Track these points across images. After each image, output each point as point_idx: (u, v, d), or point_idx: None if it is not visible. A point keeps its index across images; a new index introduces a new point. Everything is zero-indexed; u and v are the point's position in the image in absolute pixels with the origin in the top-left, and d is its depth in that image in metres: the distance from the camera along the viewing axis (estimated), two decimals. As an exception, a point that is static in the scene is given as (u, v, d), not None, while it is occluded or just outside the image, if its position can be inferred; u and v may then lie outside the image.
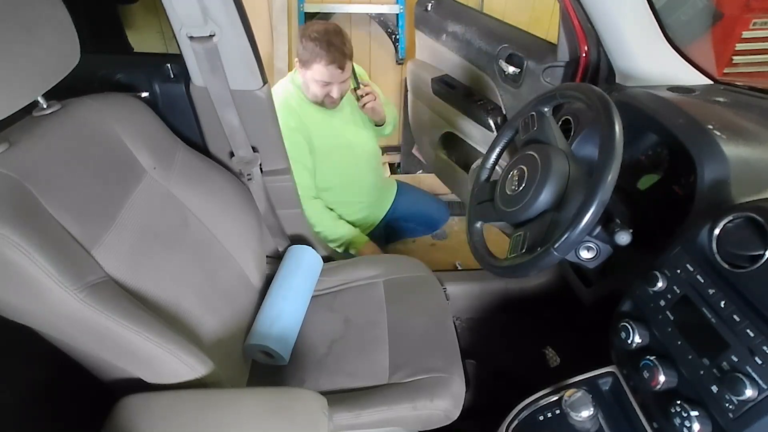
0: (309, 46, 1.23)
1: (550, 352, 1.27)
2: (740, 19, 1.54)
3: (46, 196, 0.66)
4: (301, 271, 1.13)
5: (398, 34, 2.07)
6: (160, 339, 0.69)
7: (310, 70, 1.26)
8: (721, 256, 0.61)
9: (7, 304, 0.63)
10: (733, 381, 0.55)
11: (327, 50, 1.22)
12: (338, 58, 1.23)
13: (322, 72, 1.25)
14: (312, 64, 1.25)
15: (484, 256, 0.84)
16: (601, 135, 0.65)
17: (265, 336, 0.96)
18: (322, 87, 1.29)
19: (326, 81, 1.27)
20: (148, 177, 0.87)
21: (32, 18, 0.66)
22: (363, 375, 0.96)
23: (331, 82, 1.28)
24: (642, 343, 0.70)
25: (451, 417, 0.91)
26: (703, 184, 0.70)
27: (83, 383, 0.79)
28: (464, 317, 1.37)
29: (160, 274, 0.80)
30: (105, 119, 0.82)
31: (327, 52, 1.22)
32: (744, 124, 0.77)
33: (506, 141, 0.91)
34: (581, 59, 1.11)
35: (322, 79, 1.26)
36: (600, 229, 0.72)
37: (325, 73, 1.25)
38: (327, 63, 1.23)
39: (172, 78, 0.99)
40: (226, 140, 1.02)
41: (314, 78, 1.27)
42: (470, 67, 1.49)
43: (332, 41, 1.22)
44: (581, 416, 0.71)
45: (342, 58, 1.24)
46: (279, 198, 1.15)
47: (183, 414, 0.72)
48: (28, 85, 0.66)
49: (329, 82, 1.27)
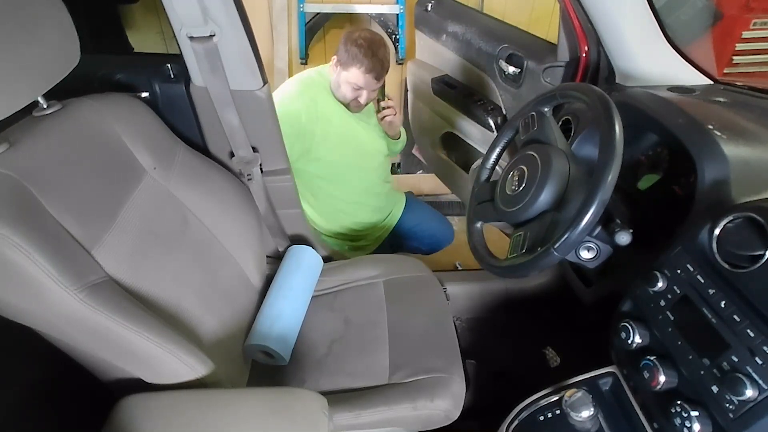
0: (353, 51, 1.26)
1: (550, 352, 1.27)
2: (740, 19, 1.54)
3: (47, 196, 0.66)
4: (301, 271, 1.13)
5: (398, 34, 2.07)
6: (160, 339, 0.69)
7: (347, 72, 1.29)
8: (722, 256, 0.61)
9: (7, 304, 0.63)
10: (733, 381, 0.55)
11: (370, 59, 1.26)
12: (377, 68, 1.27)
13: (358, 77, 1.28)
14: (351, 67, 1.28)
15: (484, 256, 0.84)
16: (601, 135, 0.65)
17: (265, 336, 0.96)
18: (354, 90, 1.32)
19: (360, 86, 1.30)
20: (148, 177, 0.86)
21: (32, 18, 0.66)
22: (363, 375, 0.96)
23: (363, 88, 1.31)
24: (642, 343, 0.70)
25: (451, 417, 0.91)
26: (703, 184, 0.70)
27: (83, 383, 0.79)
28: (464, 317, 1.37)
29: (160, 274, 0.80)
30: (105, 119, 0.82)
31: (369, 60, 1.26)
32: (744, 124, 0.77)
33: (506, 141, 0.91)
34: (581, 59, 1.11)
35: (357, 83, 1.30)
36: (600, 229, 0.72)
37: (360, 79, 1.28)
38: (366, 71, 1.27)
39: (172, 78, 0.99)
40: (226, 140, 1.02)
41: (348, 80, 1.30)
42: (470, 67, 1.49)
43: (376, 52, 1.27)
44: (581, 416, 0.71)
45: (381, 70, 1.29)
46: (279, 198, 1.15)
47: (183, 414, 0.72)
48: (28, 85, 0.66)
49: (362, 87, 1.31)
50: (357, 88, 1.31)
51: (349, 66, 1.28)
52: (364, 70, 1.27)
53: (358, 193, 1.52)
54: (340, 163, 1.42)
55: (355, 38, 1.27)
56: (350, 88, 1.32)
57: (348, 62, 1.28)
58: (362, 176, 1.50)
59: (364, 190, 1.53)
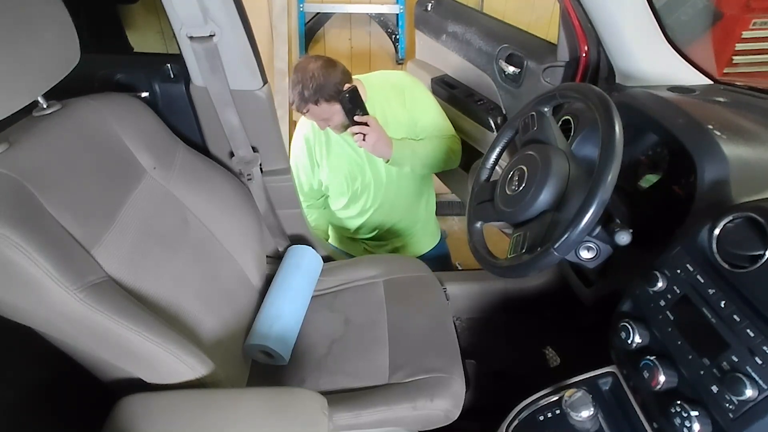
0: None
1: (550, 352, 1.27)
2: (740, 19, 1.53)
3: (47, 196, 0.66)
4: (301, 271, 1.13)
5: (398, 34, 2.07)
6: (160, 339, 0.69)
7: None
8: (721, 256, 0.61)
9: (7, 304, 0.63)
10: (733, 381, 0.55)
11: (291, 96, 1.21)
12: (297, 105, 1.21)
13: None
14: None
15: (484, 256, 0.83)
16: (601, 135, 0.65)
17: (265, 336, 0.96)
18: (320, 122, 1.27)
19: (312, 121, 1.28)
20: (148, 177, 0.86)
21: (32, 18, 0.66)
22: (363, 375, 0.96)
23: (314, 119, 1.27)
24: (642, 343, 0.69)
25: (451, 417, 0.91)
26: (703, 184, 0.70)
27: (83, 383, 0.79)
28: (464, 317, 1.37)
29: (159, 274, 0.80)
30: (105, 119, 0.82)
31: (291, 98, 1.22)
32: (744, 124, 0.77)
33: (506, 141, 0.91)
34: (581, 59, 1.11)
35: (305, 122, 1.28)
36: (600, 229, 0.72)
37: (303, 118, 1.26)
38: (294, 109, 1.23)
39: (172, 78, 0.99)
40: (226, 140, 1.02)
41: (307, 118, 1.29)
42: (470, 67, 1.49)
43: (294, 87, 1.20)
44: (581, 416, 0.71)
45: (299, 105, 1.21)
46: (279, 198, 1.15)
47: (183, 414, 0.72)
48: (28, 85, 0.66)
49: (313, 118, 1.27)
50: (319, 119, 1.26)
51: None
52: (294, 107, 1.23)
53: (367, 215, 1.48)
54: (346, 185, 1.41)
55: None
56: (316, 121, 1.28)
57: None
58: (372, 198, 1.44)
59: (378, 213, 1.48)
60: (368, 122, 1.21)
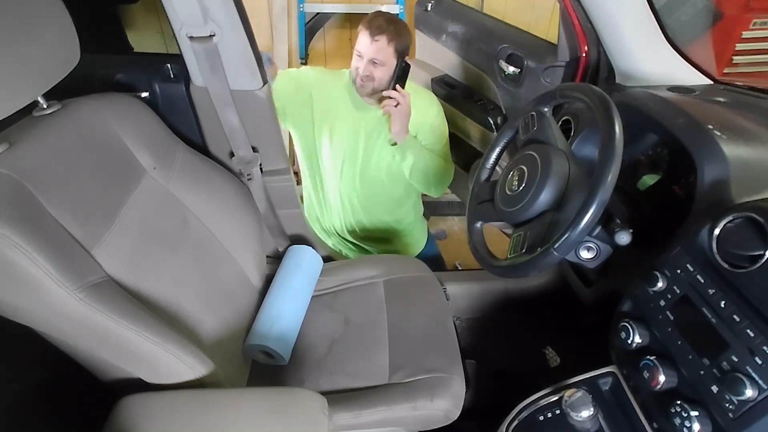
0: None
1: (550, 352, 1.27)
2: (740, 19, 1.54)
3: (47, 196, 0.66)
4: (301, 271, 1.13)
5: (398, 34, 2.07)
6: (160, 339, 0.69)
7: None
8: (721, 256, 0.61)
9: (7, 304, 0.63)
10: (733, 381, 0.55)
11: (369, 20, 1.22)
12: (373, 27, 1.20)
13: (359, 39, 1.24)
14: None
15: (484, 256, 0.83)
16: (601, 135, 0.65)
17: (265, 336, 0.96)
18: (357, 58, 1.26)
19: (359, 51, 1.24)
20: (148, 177, 0.87)
21: (32, 18, 0.66)
22: (363, 375, 0.96)
23: (362, 55, 1.24)
24: (642, 343, 0.69)
25: (451, 417, 0.91)
26: (703, 184, 0.70)
27: (83, 383, 0.79)
28: (464, 317, 1.37)
29: (160, 274, 0.80)
30: (105, 119, 0.82)
31: (368, 21, 1.22)
32: (744, 124, 0.77)
33: (506, 141, 0.91)
34: (581, 59, 1.11)
35: (357, 47, 1.25)
36: (600, 229, 0.72)
37: (359, 41, 1.23)
38: (362, 30, 1.22)
39: (172, 78, 0.99)
40: (226, 140, 1.02)
41: (355, 48, 1.26)
42: (470, 67, 1.49)
43: (378, 16, 1.22)
44: (581, 416, 0.71)
45: (376, 29, 1.20)
46: (279, 198, 1.15)
47: (183, 414, 0.72)
48: (28, 85, 0.67)
49: (361, 53, 1.24)
50: (359, 54, 1.25)
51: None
52: (362, 29, 1.22)
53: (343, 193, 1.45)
54: (332, 152, 1.37)
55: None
56: (355, 56, 1.26)
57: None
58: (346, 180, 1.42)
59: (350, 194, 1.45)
60: (405, 97, 1.25)
